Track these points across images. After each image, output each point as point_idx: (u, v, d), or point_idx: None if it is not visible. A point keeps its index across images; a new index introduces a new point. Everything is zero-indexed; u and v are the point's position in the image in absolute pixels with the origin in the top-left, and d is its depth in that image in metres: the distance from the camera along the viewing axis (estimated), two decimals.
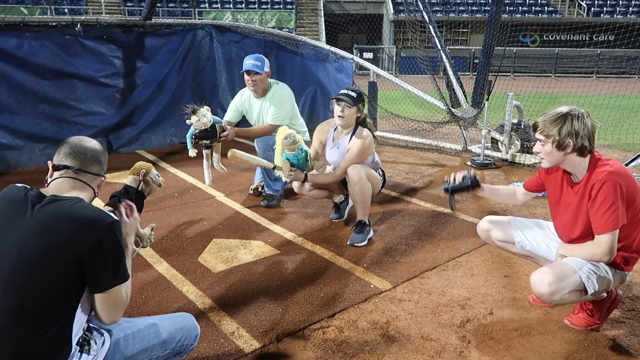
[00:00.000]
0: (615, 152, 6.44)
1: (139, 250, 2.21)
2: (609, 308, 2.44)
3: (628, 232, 2.22)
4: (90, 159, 1.66)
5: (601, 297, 2.39)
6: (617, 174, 2.15)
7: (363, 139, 3.49)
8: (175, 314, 1.94)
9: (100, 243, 1.47)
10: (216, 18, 21.79)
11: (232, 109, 4.49)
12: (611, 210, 2.12)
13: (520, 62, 24.15)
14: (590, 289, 2.20)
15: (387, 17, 26.75)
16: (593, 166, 2.24)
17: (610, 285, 2.31)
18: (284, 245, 3.52)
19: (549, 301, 2.25)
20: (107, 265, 1.50)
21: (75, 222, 1.47)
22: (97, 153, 1.69)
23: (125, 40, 6.27)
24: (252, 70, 4.15)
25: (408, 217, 4.08)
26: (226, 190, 4.77)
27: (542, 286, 2.19)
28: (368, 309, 2.67)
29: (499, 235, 2.66)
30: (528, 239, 2.58)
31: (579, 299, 2.30)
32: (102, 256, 1.48)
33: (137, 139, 6.52)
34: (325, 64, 7.75)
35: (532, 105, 6.21)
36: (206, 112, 3.66)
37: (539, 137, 2.26)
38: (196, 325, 1.87)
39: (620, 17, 25.97)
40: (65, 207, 1.51)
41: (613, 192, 2.12)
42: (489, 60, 6.46)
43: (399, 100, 8.12)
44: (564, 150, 2.21)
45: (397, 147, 7.01)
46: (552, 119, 2.22)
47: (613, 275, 2.27)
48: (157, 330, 1.74)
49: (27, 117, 5.60)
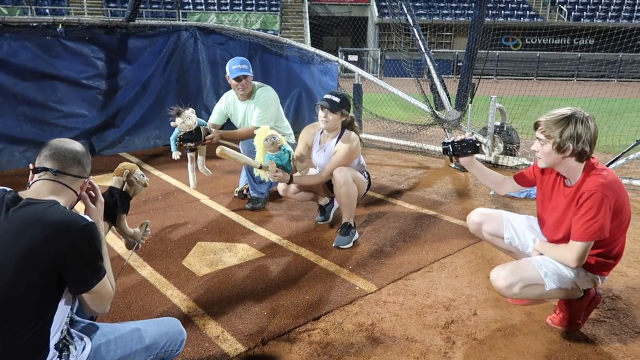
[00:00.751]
0: (595, 154, 6.52)
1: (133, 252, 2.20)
2: (588, 307, 2.47)
3: (611, 240, 2.24)
4: (70, 160, 1.62)
5: (575, 295, 2.41)
6: (608, 186, 2.14)
7: (350, 143, 3.49)
8: (161, 319, 1.90)
9: (74, 247, 1.46)
10: (200, 20, 21.68)
11: (216, 111, 4.46)
12: (592, 222, 2.12)
13: (502, 65, 24.48)
14: (547, 285, 2.26)
15: (372, 20, 26.92)
16: (587, 173, 2.23)
17: (578, 286, 2.35)
18: (269, 248, 3.51)
19: (509, 295, 2.33)
20: (85, 268, 1.49)
21: (48, 227, 1.45)
22: (78, 154, 1.66)
23: (108, 42, 6.21)
24: (242, 75, 4.14)
25: (393, 219, 4.10)
26: (211, 193, 4.74)
27: (499, 280, 2.29)
28: (353, 311, 2.68)
29: (490, 229, 2.67)
30: (518, 236, 2.60)
31: (541, 295, 2.33)
32: (78, 260, 1.47)
33: (120, 141, 6.44)
34: (310, 67, 7.75)
35: (514, 108, 6.29)
36: (191, 114, 3.62)
37: (540, 137, 2.23)
38: (182, 331, 1.84)
39: (599, 22, 26.49)
40: (38, 211, 1.48)
41: (599, 204, 2.11)
42: (472, 63, 6.53)
43: (384, 103, 8.17)
44: (563, 153, 2.19)
45: (382, 149, 7.04)
46: (556, 120, 2.19)
47: (582, 277, 2.32)
48: (140, 336, 1.71)
49: (7, 119, 5.50)
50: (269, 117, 4.25)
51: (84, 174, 1.68)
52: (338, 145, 3.53)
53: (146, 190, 2.64)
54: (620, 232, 2.27)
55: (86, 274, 1.51)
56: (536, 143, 2.27)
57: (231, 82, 4.22)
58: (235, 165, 5.20)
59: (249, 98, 4.30)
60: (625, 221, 2.26)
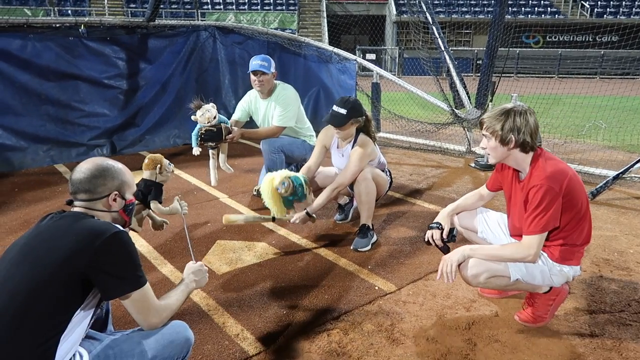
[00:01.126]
0: (620, 153, 6.42)
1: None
2: (554, 302, 2.47)
3: (572, 227, 2.28)
4: (81, 190, 1.71)
5: (541, 289, 2.44)
6: (552, 178, 2.20)
7: (362, 148, 3.45)
8: (166, 326, 1.76)
9: (104, 252, 1.53)
10: (219, 19, 21.84)
11: (239, 108, 4.53)
12: (540, 216, 2.19)
13: (523, 63, 24.12)
14: (512, 276, 2.31)
15: (390, 18, 26.76)
16: (534, 166, 2.31)
17: (549, 279, 2.36)
18: (288, 247, 3.51)
19: (474, 284, 2.38)
20: (112, 273, 1.55)
21: (79, 233, 1.56)
22: (82, 182, 1.71)
23: (129, 42, 6.28)
24: (259, 71, 4.16)
25: (412, 219, 4.06)
26: (230, 191, 4.76)
27: (465, 269, 2.34)
28: (373, 311, 2.66)
29: (463, 223, 2.75)
30: (492, 230, 2.67)
31: (506, 285, 2.38)
32: (108, 265, 1.54)
33: (140, 140, 6.52)
34: (328, 65, 7.74)
35: (535, 106, 6.13)
36: (210, 107, 3.66)
37: (485, 133, 2.34)
38: (188, 337, 1.78)
39: (623, 18, 25.92)
40: (74, 220, 1.62)
41: (543, 196, 2.18)
42: (492, 61, 6.43)
43: (402, 102, 8.11)
44: (507, 145, 2.28)
45: (401, 148, 7.00)
46: (497, 115, 2.30)
47: (555, 272, 2.35)
48: (142, 350, 1.64)
49: (31, 118, 5.61)
50: (290, 115, 4.27)
51: (94, 196, 1.72)
52: (353, 151, 3.50)
53: (166, 189, 2.77)
54: (580, 219, 2.29)
55: (115, 281, 1.56)
56: (483, 140, 2.37)
57: (251, 78, 4.27)
58: (254, 164, 5.23)
59: (270, 96, 4.32)
60: (581, 207, 2.28)
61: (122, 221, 1.80)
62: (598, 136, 7.81)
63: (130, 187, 1.82)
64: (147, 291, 1.63)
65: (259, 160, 4.67)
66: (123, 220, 1.81)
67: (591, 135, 7.97)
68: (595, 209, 4.28)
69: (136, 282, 1.60)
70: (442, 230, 2.58)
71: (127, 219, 1.83)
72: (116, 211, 1.77)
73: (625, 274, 3.10)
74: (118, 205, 1.77)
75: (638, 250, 3.45)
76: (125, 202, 1.80)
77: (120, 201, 1.77)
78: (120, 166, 1.81)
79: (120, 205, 1.78)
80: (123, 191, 1.78)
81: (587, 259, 3.28)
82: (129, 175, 1.83)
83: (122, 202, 1.78)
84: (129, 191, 1.82)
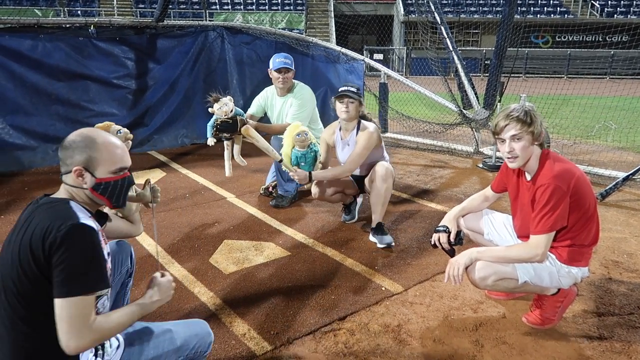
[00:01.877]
0: (630, 154, 6.36)
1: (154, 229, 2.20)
2: (562, 304, 2.45)
3: (579, 228, 2.26)
4: (60, 160, 1.61)
5: (549, 291, 2.42)
6: (559, 177, 2.19)
7: (369, 133, 3.56)
8: (190, 320, 1.91)
9: (52, 248, 1.40)
10: (227, 19, 21.90)
11: (255, 104, 4.60)
12: (548, 215, 2.18)
13: (532, 63, 23.97)
14: (520, 279, 2.29)
15: (398, 18, 26.70)
16: (542, 165, 2.29)
17: (558, 281, 2.34)
18: (295, 247, 3.51)
19: (482, 286, 2.37)
20: (59, 270, 1.40)
21: (43, 220, 1.46)
22: (60, 150, 1.61)
23: (138, 42, 6.32)
24: (284, 68, 4.22)
25: (420, 219, 4.05)
26: (237, 191, 4.78)
27: (473, 272, 2.33)
28: (379, 311, 2.66)
29: (469, 225, 2.74)
30: (498, 231, 2.65)
31: (514, 288, 2.36)
32: (56, 262, 1.40)
33: (148, 139, 6.56)
34: (335, 66, 7.73)
35: (544, 107, 6.14)
36: (228, 101, 3.69)
37: (514, 134, 2.23)
38: (210, 332, 1.85)
39: (634, 18, 25.67)
40: (43, 206, 1.54)
41: (550, 196, 2.17)
42: (501, 61, 6.40)
43: (410, 102, 8.09)
44: (538, 140, 2.27)
45: (408, 148, 6.98)
46: (520, 114, 2.24)
47: (563, 273, 2.33)
48: (172, 337, 1.71)
49: (41, 117, 5.66)
50: (305, 115, 4.32)
51: (64, 169, 1.60)
52: (359, 135, 3.60)
53: (174, 188, 2.70)
54: (588, 219, 2.28)
55: (57, 280, 1.40)
56: (507, 144, 2.27)
57: (272, 75, 4.33)
58: (262, 164, 5.24)
59: (287, 94, 4.38)
60: (589, 207, 2.27)
61: (102, 202, 1.65)
62: (608, 137, 7.74)
63: (105, 164, 1.60)
64: (84, 304, 1.41)
65: (266, 160, 4.69)
66: (101, 201, 1.64)
67: (601, 136, 7.90)
68: (605, 211, 4.25)
69: (75, 287, 1.40)
70: (449, 233, 2.57)
71: (103, 199, 1.63)
72: (87, 189, 1.59)
73: (634, 276, 3.07)
74: (88, 183, 1.59)
75: None
76: (96, 181, 1.59)
77: (89, 178, 1.58)
78: (98, 140, 1.61)
79: (90, 182, 1.59)
80: (92, 167, 1.58)
81: (596, 260, 3.26)
82: (106, 151, 1.61)
83: (91, 179, 1.59)
84: (102, 168, 1.60)
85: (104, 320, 1.47)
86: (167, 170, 5.55)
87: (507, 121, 2.24)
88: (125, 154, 1.68)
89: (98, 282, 1.46)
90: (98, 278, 1.47)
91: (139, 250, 3.27)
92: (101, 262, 1.49)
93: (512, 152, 2.27)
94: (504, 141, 2.27)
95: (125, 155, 1.68)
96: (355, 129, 3.64)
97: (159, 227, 3.77)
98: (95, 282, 1.45)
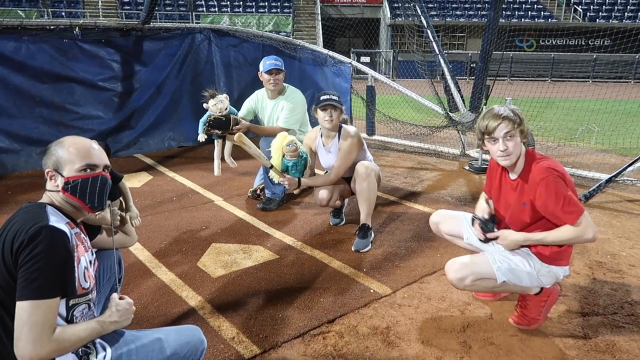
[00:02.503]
0: (613, 156, 6.46)
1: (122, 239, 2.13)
2: (546, 303, 2.48)
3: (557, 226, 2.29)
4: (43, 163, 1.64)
5: (531, 291, 2.46)
6: (552, 167, 2.24)
7: (351, 137, 3.58)
8: (182, 327, 1.86)
9: (25, 246, 1.38)
10: (214, 22, 21.80)
11: (245, 106, 4.60)
12: (568, 201, 2.18)
13: (517, 67, 24.29)
14: (499, 279, 2.33)
15: (384, 21, 26.84)
16: (529, 163, 2.33)
17: (538, 280, 2.37)
18: (283, 250, 3.51)
19: (461, 287, 2.41)
20: (26, 270, 1.37)
21: (14, 226, 1.46)
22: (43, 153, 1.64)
23: (124, 44, 6.27)
24: (275, 69, 4.22)
25: (407, 222, 4.08)
26: (225, 194, 4.76)
27: (451, 272, 2.39)
28: (368, 314, 2.67)
29: (447, 229, 2.76)
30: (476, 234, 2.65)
31: (493, 288, 2.40)
32: (23, 260, 1.37)
33: (135, 142, 6.50)
34: (323, 68, 7.75)
35: (529, 110, 6.23)
36: (224, 99, 3.69)
37: (507, 131, 2.25)
38: (203, 340, 1.79)
39: (616, 22, 26.13)
40: (22, 211, 1.55)
41: (556, 184, 2.19)
42: (486, 64, 6.47)
43: (397, 105, 8.14)
44: (526, 138, 2.32)
45: (395, 151, 7.01)
46: (510, 113, 2.28)
47: (543, 272, 2.35)
48: (161, 346, 1.66)
49: (25, 120, 5.58)
50: (296, 118, 4.34)
51: (45, 166, 1.63)
52: (341, 143, 3.62)
53: (161, 191, 2.68)
54: None
55: (20, 282, 1.37)
56: (501, 142, 2.28)
57: (263, 78, 4.33)
58: (250, 167, 5.23)
59: (278, 96, 4.38)
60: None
61: (77, 205, 1.63)
62: (591, 139, 7.87)
63: (68, 163, 1.61)
64: (45, 308, 1.37)
65: (254, 163, 4.68)
66: (76, 203, 1.63)
67: (584, 138, 8.03)
68: (588, 212, 4.29)
69: (39, 290, 1.36)
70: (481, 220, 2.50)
71: (76, 200, 1.61)
72: (58, 191, 1.61)
73: (618, 276, 3.12)
74: (59, 184, 1.60)
75: (630, 253, 3.48)
76: (64, 180, 1.60)
77: (60, 179, 1.60)
78: (67, 140, 1.64)
79: (61, 183, 1.60)
80: (60, 167, 1.60)
81: (580, 261, 3.31)
82: (73, 148, 1.63)
83: (61, 179, 1.60)
84: (69, 166, 1.61)
85: (64, 332, 1.41)
86: (153, 173, 5.51)
87: (498, 120, 2.27)
88: (94, 152, 1.67)
89: (63, 287, 1.43)
90: (63, 283, 1.43)
91: (126, 256, 3.23)
92: (68, 267, 1.45)
93: (506, 150, 2.28)
94: (496, 140, 2.29)
95: (93, 153, 1.66)
96: (337, 136, 3.66)
97: (146, 231, 3.74)
98: (59, 287, 1.41)
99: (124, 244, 2.11)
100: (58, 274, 1.41)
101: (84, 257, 1.57)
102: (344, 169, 3.62)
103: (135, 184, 4.94)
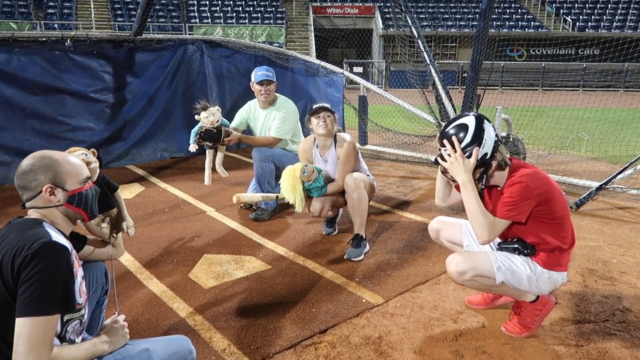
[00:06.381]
0: (603, 164, 6.52)
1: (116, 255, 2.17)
2: (541, 312, 2.49)
3: (556, 231, 2.31)
4: (21, 189, 1.61)
5: (527, 297, 2.46)
6: (526, 175, 2.26)
7: (348, 143, 3.60)
8: (171, 337, 1.84)
9: (28, 262, 1.38)
10: (207, 33, 21.90)
11: (238, 117, 4.62)
12: (511, 203, 2.25)
13: (507, 76, 24.52)
14: (498, 279, 2.34)
15: (377, 32, 27.07)
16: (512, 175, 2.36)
17: (537, 286, 2.38)
18: (275, 260, 3.50)
19: (459, 281, 2.41)
20: (29, 286, 1.37)
21: (12, 242, 1.45)
22: (18, 180, 1.61)
23: (116, 56, 6.27)
24: (266, 80, 4.24)
25: (399, 231, 4.08)
26: (217, 205, 4.74)
27: (452, 265, 2.40)
28: (360, 324, 2.66)
29: (448, 236, 2.76)
30: (477, 243, 2.62)
31: (491, 287, 2.41)
32: (27, 276, 1.38)
33: (127, 153, 6.47)
34: (315, 79, 7.79)
35: (520, 119, 6.28)
36: (216, 111, 3.70)
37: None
38: (192, 350, 1.78)
39: (604, 32, 26.48)
40: (16, 226, 1.54)
41: (517, 189, 2.25)
42: (477, 74, 6.53)
43: (389, 114, 8.18)
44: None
45: (388, 160, 7.04)
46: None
47: (543, 277, 2.36)
48: (149, 356, 1.64)
49: (16, 132, 5.55)
50: (288, 128, 4.35)
51: (31, 193, 1.61)
52: (338, 151, 3.63)
53: (154, 202, 2.69)
54: (561, 225, 2.33)
55: (21, 298, 1.37)
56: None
57: (255, 88, 4.35)
58: (241, 177, 5.23)
59: (270, 106, 4.40)
60: (561, 212, 2.32)
61: (79, 216, 1.69)
62: (581, 148, 7.93)
63: (71, 177, 1.65)
64: (47, 324, 1.38)
65: (247, 173, 4.68)
66: (78, 214, 1.68)
67: (574, 146, 8.09)
68: (579, 220, 4.34)
69: (41, 306, 1.37)
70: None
71: (79, 211, 1.66)
72: (61, 205, 1.63)
73: (609, 283, 3.13)
74: (61, 199, 1.62)
75: (622, 260, 3.50)
76: (69, 194, 1.63)
77: (61, 193, 1.62)
78: (56, 156, 1.65)
79: (63, 198, 1.62)
80: (61, 182, 1.62)
81: (572, 269, 3.32)
82: (68, 164, 1.66)
83: (64, 194, 1.62)
84: (71, 181, 1.64)
85: (62, 352, 1.42)
86: (145, 184, 5.49)
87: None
88: (84, 165, 1.74)
89: (64, 304, 1.44)
90: (64, 299, 1.45)
91: (117, 267, 3.21)
92: (69, 283, 1.47)
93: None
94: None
95: (84, 166, 1.74)
96: (332, 145, 3.66)
97: (137, 242, 3.72)
98: (61, 303, 1.43)
99: (114, 255, 2.11)
100: (60, 290, 1.42)
101: (79, 272, 1.57)
102: (347, 173, 3.58)
103: (127, 195, 4.92)
